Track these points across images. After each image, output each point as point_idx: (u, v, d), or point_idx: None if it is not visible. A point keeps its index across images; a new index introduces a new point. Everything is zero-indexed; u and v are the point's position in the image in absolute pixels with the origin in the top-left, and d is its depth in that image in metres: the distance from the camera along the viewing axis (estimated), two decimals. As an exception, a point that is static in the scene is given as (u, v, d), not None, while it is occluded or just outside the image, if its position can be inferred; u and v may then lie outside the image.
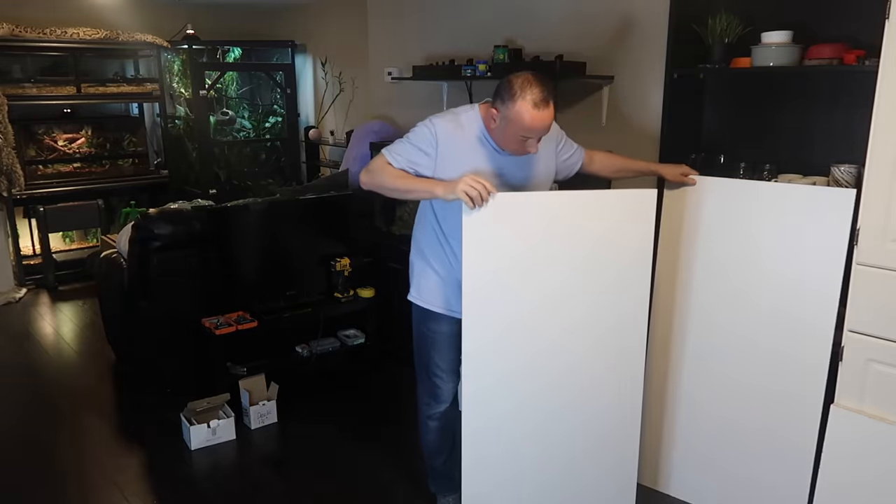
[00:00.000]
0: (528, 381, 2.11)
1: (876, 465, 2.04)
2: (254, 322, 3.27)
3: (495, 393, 2.09)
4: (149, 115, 6.08)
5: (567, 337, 2.11)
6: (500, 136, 2.02)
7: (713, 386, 2.38)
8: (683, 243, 2.38)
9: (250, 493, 2.62)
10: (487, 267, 1.99)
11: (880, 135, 1.94)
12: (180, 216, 3.30)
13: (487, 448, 2.13)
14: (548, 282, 2.05)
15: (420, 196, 2.07)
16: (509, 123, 1.94)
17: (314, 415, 3.19)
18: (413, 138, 2.06)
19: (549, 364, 2.11)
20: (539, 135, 1.97)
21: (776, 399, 2.24)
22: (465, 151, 2.05)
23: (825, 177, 2.39)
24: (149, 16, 5.68)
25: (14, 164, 4.79)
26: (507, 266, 2.01)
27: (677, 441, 2.49)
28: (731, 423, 2.36)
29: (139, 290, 3.25)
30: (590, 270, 2.09)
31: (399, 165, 2.04)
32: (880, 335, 2.02)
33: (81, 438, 3.03)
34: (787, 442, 2.24)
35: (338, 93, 5.61)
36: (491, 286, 2.01)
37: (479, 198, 1.86)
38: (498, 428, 2.13)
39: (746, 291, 2.27)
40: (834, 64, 2.37)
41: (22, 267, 5.06)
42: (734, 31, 2.62)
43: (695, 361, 2.41)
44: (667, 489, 2.55)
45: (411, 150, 2.04)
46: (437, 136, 2.03)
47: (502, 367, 2.08)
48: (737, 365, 2.32)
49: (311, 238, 3.62)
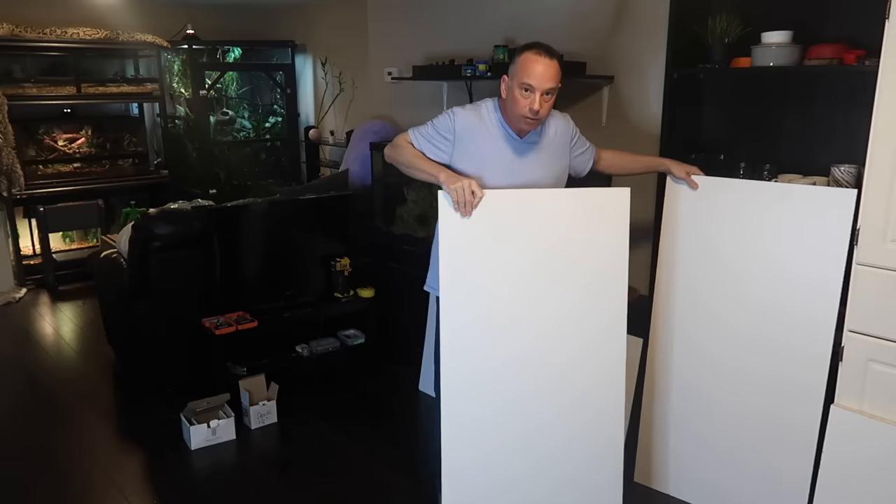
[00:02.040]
0: (506, 380, 2.11)
1: (876, 465, 2.04)
2: (254, 322, 3.27)
3: (473, 395, 2.09)
4: (149, 115, 6.07)
5: (544, 332, 2.11)
6: (510, 102, 2.10)
7: (713, 385, 2.38)
8: (684, 242, 2.38)
9: (250, 493, 2.62)
10: (462, 260, 2.01)
11: (880, 135, 1.94)
12: (180, 216, 3.30)
13: (464, 455, 2.12)
14: (521, 281, 2.06)
15: (426, 178, 2.15)
16: (514, 77, 2.06)
17: (314, 415, 3.18)
18: (436, 123, 2.20)
19: (526, 364, 2.11)
20: (539, 82, 2.02)
21: (776, 399, 2.24)
22: (482, 142, 2.15)
23: (825, 177, 2.39)
24: (149, 16, 5.68)
25: (14, 164, 4.79)
26: (479, 260, 2.03)
27: (676, 440, 2.49)
28: (730, 423, 2.36)
29: (139, 290, 3.25)
30: (564, 268, 2.09)
31: (418, 146, 2.19)
32: (880, 335, 2.02)
33: (81, 438, 3.03)
34: (787, 442, 2.23)
35: (338, 93, 5.61)
36: (466, 277, 2.03)
37: (463, 204, 1.95)
38: (476, 429, 2.12)
39: (746, 291, 2.27)
40: (834, 64, 2.37)
41: (22, 267, 5.06)
42: (734, 31, 2.62)
43: (694, 360, 2.41)
44: (665, 488, 2.54)
45: (432, 134, 2.18)
46: (456, 124, 2.15)
47: (480, 366, 2.09)
48: (737, 364, 2.31)
49: (311, 238, 3.62)
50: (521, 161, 2.17)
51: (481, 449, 2.14)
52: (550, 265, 2.08)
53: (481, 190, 1.97)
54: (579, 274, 2.10)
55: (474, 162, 2.14)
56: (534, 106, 2.03)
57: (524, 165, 2.17)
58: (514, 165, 2.16)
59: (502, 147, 2.16)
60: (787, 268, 2.19)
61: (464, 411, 2.10)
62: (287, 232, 3.55)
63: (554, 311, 2.11)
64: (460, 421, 2.10)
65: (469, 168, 2.14)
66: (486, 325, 2.07)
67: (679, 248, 2.40)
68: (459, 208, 1.96)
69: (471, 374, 2.09)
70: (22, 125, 5.06)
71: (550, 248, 2.07)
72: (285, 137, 6.23)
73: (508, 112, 2.13)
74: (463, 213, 1.97)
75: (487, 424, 2.13)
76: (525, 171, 2.17)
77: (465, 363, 2.08)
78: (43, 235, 5.00)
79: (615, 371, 2.19)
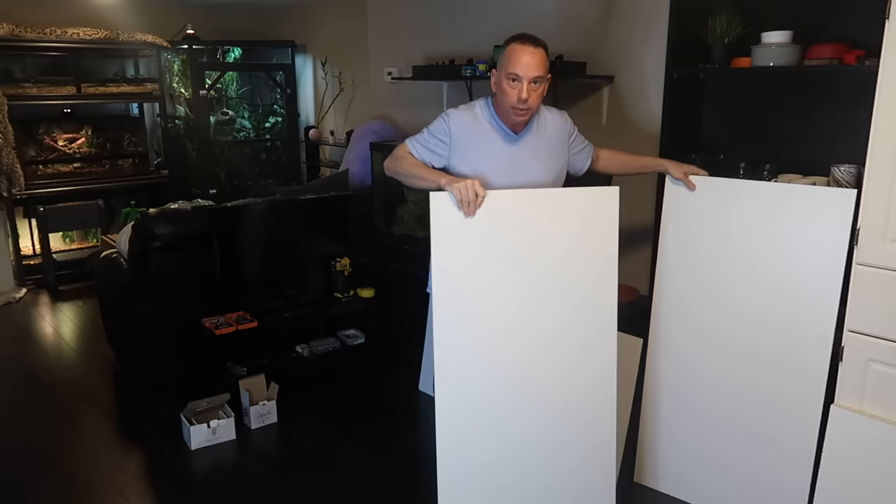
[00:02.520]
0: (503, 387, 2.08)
1: (876, 465, 2.04)
2: (254, 322, 3.27)
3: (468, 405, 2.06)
4: (149, 115, 6.07)
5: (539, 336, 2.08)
6: (499, 95, 2.11)
7: (713, 384, 2.37)
8: (684, 242, 2.38)
9: (250, 493, 2.62)
10: (454, 262, 1.99)
11: (880, 135, 1.94)
12: (180, 216, 3.30)
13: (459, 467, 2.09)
14: (513, 282, 2.03)
15: (428, 186, 2.13)
16: (501, 68, 2.08)
17: (314, 415, 3.18)
18: (431, 129, 2.21)
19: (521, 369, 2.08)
20: (525, 71, 2.03)
21: (776, 399, 2.24)
22: (478, 142, 2.15)
23: (825, 177, 2.39)
24: (149, 16, 5.68)
25: (14, 164, 4.79)
26: (470, 262, 2.00)
27: (676, 440, 2.49)
28: (731, 423, 2.35)
29: (139, 290, 3.25)
30: (556, 269, 2.06)
31: (418, 154, 2.19)
32: (880, 335, 2.02)
33: (81, 438, 3.03)
34: (787, 442, 2.23)
35: (338, 93, 5.61)
36: (456, 279, 2.00)
37: (467, 203, 1.93)
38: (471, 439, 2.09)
39: (746, 290, 2.27)
40: (834, 64, 2.37)
41: (22, 267, 5.06)
42: (734, 31, 2.62)
43: (694, 360, 2.40)
44: (666, 489, 2.54)
45: (428, 139, 2.19)
46: (451, 125, 2.16)
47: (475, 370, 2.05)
48: (737, 364, 2.31)
49: (311, 238, 3.63)
50: (519, 159, 2.17)
51: (476, 459, 2.10)
52: (542, 266, 2.05)
53: (484, 189, 1.95)
54: (571, 274, 2.07)
55: (471, 162, 2.14)
56: (522, 95, 2.03)
57: (521, 163, 2.17)
58: (512, 164, 2.15)
59: (498, 145, 2.16)
60: (786, 268, 2.18)
61: (461, 420, 2.06)
62: (287, 232, 3.55)
63: (547, 313, 2.07)
64: (457, 432, 2.06)
65: (466, 168, 2.13)
66: (478, 325, 2.03)
67: (677, 249, 2.39)
68: (463, 207, 1.93)
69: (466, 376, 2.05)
70: (22, 125, 5.06)
71: (541, 249, 2.05)
72: (285, 137, 6.23)
73: (499, 105, 2.13)
74: (466, 213, 1.94)
75: (483, 430, 2.09)
76: (523, 170, 2.16)
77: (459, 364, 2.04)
78: (43, 235, 5.00)
79: (607, 371, 2.16)
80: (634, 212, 3.44)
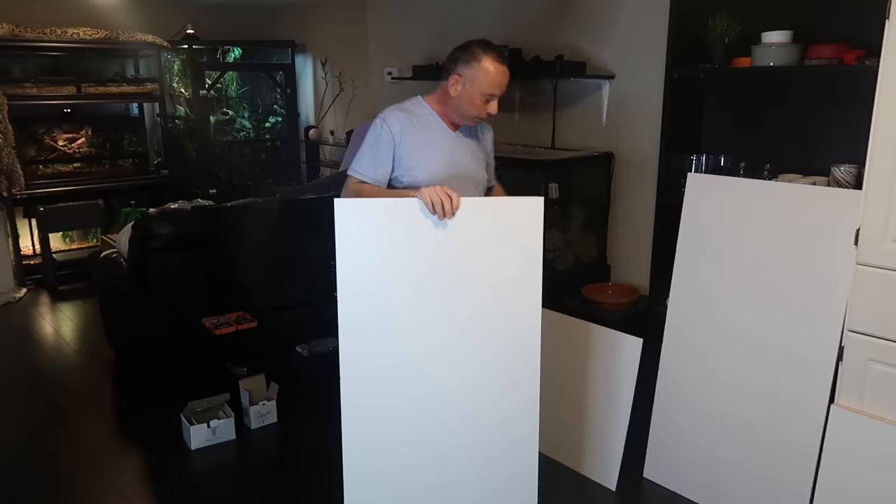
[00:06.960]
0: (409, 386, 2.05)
1: (876, 465, 2.04)
2: (254, 322, 3.27)
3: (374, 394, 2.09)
4: (149, 115, 6.07)
5: (452, 339, 1.98)
6: (463, 103, 2.08)
7: (720, 384, 2.37)
8: (701, 243, 2.39)
9: (250, 493, 2.62)
10: (361, 269, 1.94)
11: (880, 135, 1.94)
12: (180, 216, 3.30)
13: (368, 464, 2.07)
14: (427, 289, 1.93)
15: None
16: (475, 83, 2.04)
17: (314, 415, 3.18)
18: (373, 142, 2.14)
19: (430, 372, 2.00)
20: (502, 90, 2.06)
21: (781, 398, 2.24)
22: (420, 135, 2.14)
23: (825, 177, 2.39)
24: (149, 16, 5.68)
25: (14, 164, 4.79)
26: (384, 271, 1.91)
27: (683, 437, 2.49)
28: (736, 421, 2.35)
29: (139, 290, 3.25)
30: (476, 276, 1.94)
31: (373, 174, 2.12)
32: (880, 335, 2.02)
33: (81, 438, 3.03)
34: (793, 441, 2.23)
35: (338, 93, 5.61)
36: (366, 293, 1.96)
37: (440, 205, 1.81)
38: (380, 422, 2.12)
39: (747, 291, 2.27)
40: (834, 64, 2.37)
41: (22, 267, 5.05)
42: (734, 31, 2.62)
43: (702, 359, 2.41)
44: (673, 486, 2.54)
45: (379, 151, 2.12)
46: (392, 127, 2.12)
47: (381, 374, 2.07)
48: (742, 363, 2.32)
49: (311, 238, 3.62)
50: (458, 150, 2.18)
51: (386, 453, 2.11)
52: (460, 272, 1.94)
53: (454, 192, 1.86)
54: (493, 278, 1.96)
55: (417, 155, 2.12)
56: (493, 111, 2.07)
57: (461, 154, 2.18)
58: (454, 153, 2.17)
59: (442, 134, 2.17)
60: (787, 268, 2.19)
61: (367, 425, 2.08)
62: (287, 232, 3.55)
63: (463, 318, 1.97)
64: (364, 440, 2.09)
65: (412, 162, 2.12)
66: (389, 331, 1.98)
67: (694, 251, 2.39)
68: (437, 212, 1.83)
69: (373, 379, 2.07)
70: (22, 125, 5.06)
71: (461, 256, 1.93)
72: (285, 137, 6.23)
73: (453, 109, 2.12)
74: (441, 217, 1.84)
75: (390, 438, 2.10)
76: (462, 162, 2.18)
77: (367, 372, 2.08)
78: (43, 235, 5.00)
79: (526, 377, 2.03)
80: (635, 211, 3.43)
